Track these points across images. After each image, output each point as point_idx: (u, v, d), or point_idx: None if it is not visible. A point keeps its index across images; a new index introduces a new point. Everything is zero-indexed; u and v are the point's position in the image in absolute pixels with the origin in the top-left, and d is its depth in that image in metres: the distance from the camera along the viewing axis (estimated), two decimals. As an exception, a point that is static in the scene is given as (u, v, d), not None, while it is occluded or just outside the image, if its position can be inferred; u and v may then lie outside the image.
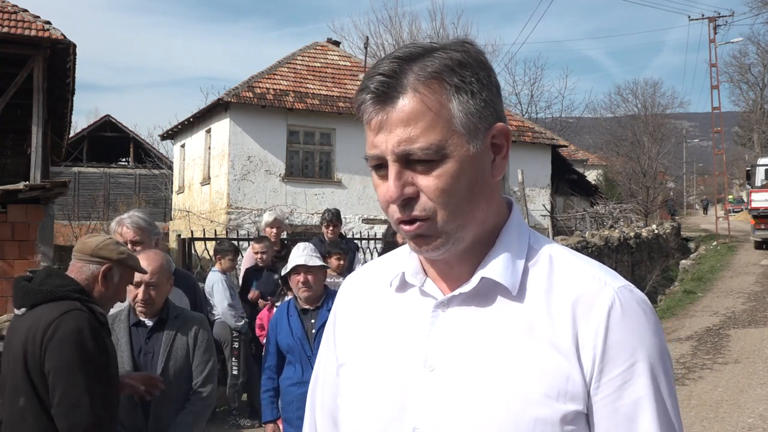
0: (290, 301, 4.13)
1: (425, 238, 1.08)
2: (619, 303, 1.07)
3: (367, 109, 1.07)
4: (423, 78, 1.05)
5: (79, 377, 2.38)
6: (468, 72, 1.07)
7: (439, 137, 1.04)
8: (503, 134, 1.11)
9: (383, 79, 1.05)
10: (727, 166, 32.90)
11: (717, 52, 43.45)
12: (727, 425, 6.43)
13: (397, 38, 31.64)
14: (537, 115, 36.51)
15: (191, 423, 3.01)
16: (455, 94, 1.05)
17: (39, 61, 12.42)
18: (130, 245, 3.50)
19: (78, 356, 2.39)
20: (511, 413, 1.04)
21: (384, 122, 1.05)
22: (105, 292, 2.67)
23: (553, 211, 22.84)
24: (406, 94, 1.04)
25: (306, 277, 3.95)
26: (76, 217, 26.80)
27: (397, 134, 1.04)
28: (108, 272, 2.67)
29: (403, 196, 1.05)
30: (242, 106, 18.20)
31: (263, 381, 4.06)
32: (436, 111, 1.04)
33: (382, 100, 1.05)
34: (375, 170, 1.09)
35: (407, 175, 1.06)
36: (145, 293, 3.02)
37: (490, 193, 1.12)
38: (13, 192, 9.05)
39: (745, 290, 14.90)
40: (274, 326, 4.07)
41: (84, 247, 2.70)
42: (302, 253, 4.02)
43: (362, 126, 1.10)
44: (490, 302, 1.11)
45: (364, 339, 1.21)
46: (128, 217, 3.63)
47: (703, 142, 75.16)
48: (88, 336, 2.42)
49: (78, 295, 2.53)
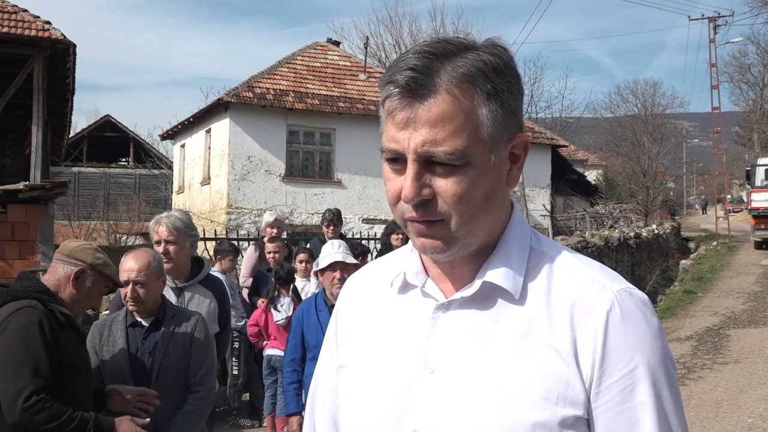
0: (318, 295, 4.13)
1: (434, 240, 1.06)
2: (618, 306, 1.05)
3: (394, 102, 1.03)
4: (456, 80, 1.02)
5: (20, 372, 2.44)
6: (501, 79, 1.04)
7: (464, 143, 1.02)
8: (523, 145, 1.10)
9: (414, 75, 1.01)
10: (727, 166, 32.89)
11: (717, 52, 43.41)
12: (727, 425, 6.43)
13: (397, 38, 31.68)
14: (537, 115, 36.50)
15: (189, 422, 3.00)
16: (486, 102, 1.03)
17: (39, 61, 12.41)
18: (163, 244, 3.53)
19: (22, 352, 2.46)
20: (510, 416, 1.03)
21: (410, 119, 1.02)
22: (76, 295, 2.72)
23: (553, 211, 22.84)
24: (438, 94, 1.01)
25: (343, 274, 3.94)
26: (76, 217, 26.81)
27: (422, 134, 1.01)
28: (80, 275, 2.72)
29: (420, 197, 1.03)
30: (242, 106, 18.20)
31: (288, 373, 4.06)
32: (465, 116, 1.02)
33: (412, 96, 1.02)
34: (389, 163, 1.07)
35: (425, 177, 1.04)
36: (133, 291, 3.03)
37: (502, 202, 1.11)
38: (13, 192, 9.05)
39: (745, 290, 14.90)
40: (300, 320, 4.08)
41: (63, 249, 2.77)
42: (338, 249, 4.03)
43: (362, 126, 1.09)
44: (491, 305, 1.10)
45: (365, 340, 1.20)
46: (167, 216, 3.65)
47: (703, 142, 75.20)
48: (36, 332, 2.48)
49: (38, 295, 2.58)
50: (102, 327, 3.12)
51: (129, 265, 3.06)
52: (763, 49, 46.19)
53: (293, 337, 4.10)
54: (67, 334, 2.62)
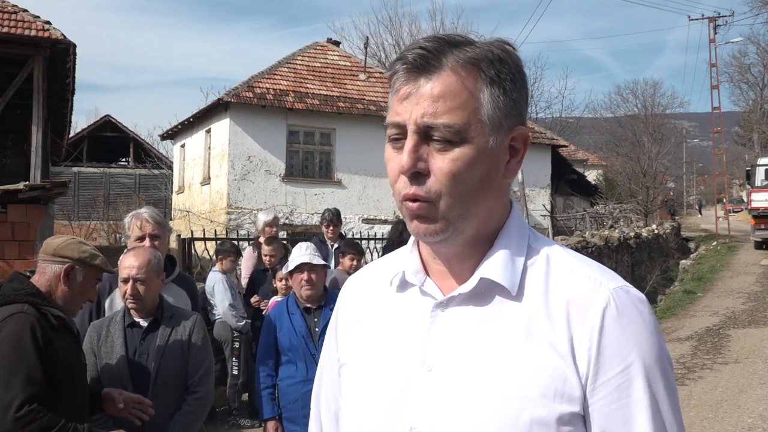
0: (289, 299, 4.14)
1: (425, 219, 1.08)
2: (614, 304, 1.06)
3: (400, 77, 1.08)
4: (462, 61, 1.06)
5: (12, 381, 2.40)
6: (505, 69, 1.08)
7: (464, 119, 1.05)
8: (523, 139, 1.12)
9: (423, 53, 1.06)
10: (727, 166, 32.89)
11: (717, 52, 43.45)
12: (727, 425, 6.43)
13: (397, 38, 31.70)
14: (537, 115, 36.53)
15: (187, 423, 3.00)
16: (489, 86, 1.07)
17: (39, 61, 12.41)
18: (149, 239, 3.47)
19: (15, 358, 2.42)
20: (507, 413, 1.04)
21: (413, 93, 1.06)
22: (69, 292, 2.67)
23: (553, 211, 22.84)
24: (443, 71, 1.05)
25: (310, 275, 3.98)
26: (76, 217, 26.82)
27: (423, 106, 1.05)
28: (70, 271, 2.67)
29: (415, 168, 1.05)
30: (242, 106, 18.20)
31: (262, 378, 4.04)
32: (467, 95, 1.05)
33: (417, 71, 1.06)
34: (391, 142, 1.09)
35: (423, 150, 1.06)
36: (133, 288, 3.01)
37: (498, 192, 1.12)
38: (13, 192, 9.04)
39: (745, 290, 14.90)
40: (272, 323, 4.07)
41: (47, 248, 2.71)
42: (305, 252, 4.06)
43: (362, 126, 1.11)
44: (489, 302, 1.11)
45: (365, 339, 1.21)
46: (146, 212, 3.59)
47: (703, 142, 75.17)
48: (28, 338, 2.44)
49: (30, 298, 2.54)
50: (100, 328, 3.10)
51: (129, 263, 3.04)
52: (763, 49, 46.24)
53: (265, 341, 4.08)
54: (61, 337, 2.58)
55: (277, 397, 4.01)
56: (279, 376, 4.00)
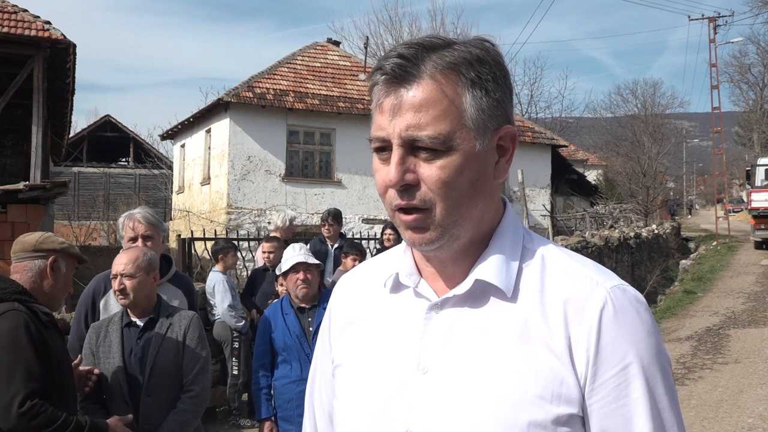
0: (283, 300, 4.17)
1: (420, 230, 1.07)
2: (611, 303, 1.05)
3: (380, 89, 1.06)
4: (440, 67, 1.04)
5: (13, 377, 2.42)
6: (485, 69, 1.06)
7: (448, 128, 1.03)
8: (510, 137, 1.11)
9: (400, 62, 1.04)
10: (727, 166, 32.90)
11: (717, 52, 43.46)
12: (727, 425, 6.43)
13: (397, 38, 31.66)
14: (537, 115, 36.50)
15: (183, 421, 3.00)
16: (470, 89, 1.05)
17: (39, 61, 12.41)
18: (141, 240, 3.46)
19: (11, 357, 2.43)
20: (504, 416, 1.03)
21: (395, 105, 1.04)
22: (55, 284, 2.72)
23: (553, 211, 22.83)
24: (422, 79, 1.03)
25: (305, 275, 4.01)
26: (76, 217, 26.81)
27: (406, 119, 1.03)
28: (55, 263, 2.72)
29: (403, 181, 1.04)
30: (242, 106, 18.19)
31: (258, 378, 4.07)
32: (448, 101, 1.03)
33: (397, 82, 1.04)
34: (377, 153, 1.08)
35: (410, 162, 1.05)
36: (119, 283, 3.03)
37: (489, 194, 1.11)
38: (13, 192, 9.04)
39: (745, 290, 14.89)
40: (267, 324, 4.09)
41: (25, 246, 2.73)
42: (299, 252, 4.10)
43: (362, 126, 1.10)
44: (484, 303, 1.10)
45: (359, 341, 1.20)
46: (139, 212, 3.58)
47: (703, 142, 75.18)
48: (23, 336, 2.45)
49: (17, 296, 2.55)
50: (99, 328, 3.12)
51: (118, 260, 3.09)
52: (763, 49, 46.24)
53: (261, 342, 4.10)
54: (52, 334, 2.60)
55: (272, 397, 4.03)
56: (274, 376, 4.02)
